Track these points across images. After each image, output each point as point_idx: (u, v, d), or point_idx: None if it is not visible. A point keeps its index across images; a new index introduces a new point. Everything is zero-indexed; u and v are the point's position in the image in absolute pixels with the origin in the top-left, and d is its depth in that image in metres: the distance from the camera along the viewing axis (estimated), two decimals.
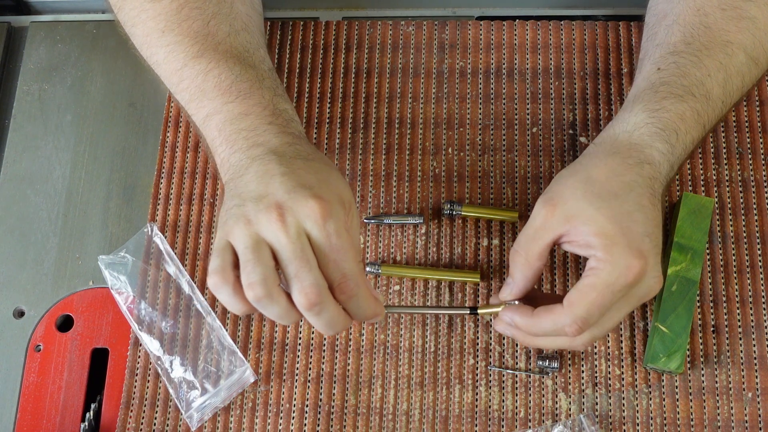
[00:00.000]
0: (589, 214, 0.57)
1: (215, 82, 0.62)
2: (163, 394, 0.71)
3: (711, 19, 0.64)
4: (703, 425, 0.67)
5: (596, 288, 0.56)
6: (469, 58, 0.80)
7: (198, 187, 0.77)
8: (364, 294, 0.55)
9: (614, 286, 0.56)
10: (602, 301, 0.56)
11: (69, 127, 0.82)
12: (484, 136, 0.77)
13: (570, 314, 0.57)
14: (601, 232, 0.56)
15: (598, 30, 0.80)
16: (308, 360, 0.71)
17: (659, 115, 0.61)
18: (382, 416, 0.69)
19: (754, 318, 0.70)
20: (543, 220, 0.59)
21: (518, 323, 0.61)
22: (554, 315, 0.58)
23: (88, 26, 0.86)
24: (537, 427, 0.68)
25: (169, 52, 0.64)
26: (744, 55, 0.64)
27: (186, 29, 0.64)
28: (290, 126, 0.61)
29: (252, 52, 0.65)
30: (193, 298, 0.73)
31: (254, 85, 0.62)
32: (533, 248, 0.59)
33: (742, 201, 0.73)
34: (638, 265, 0.55)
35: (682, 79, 0.62)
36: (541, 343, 0.63)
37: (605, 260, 0.56)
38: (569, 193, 0.58)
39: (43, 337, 0.74)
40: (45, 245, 0.77)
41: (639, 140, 0.61)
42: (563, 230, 0.58)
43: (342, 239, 0.54)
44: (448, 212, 0.73)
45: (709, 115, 0.63)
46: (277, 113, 0.61)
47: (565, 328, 0.57)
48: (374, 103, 0.79)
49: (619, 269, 0.55)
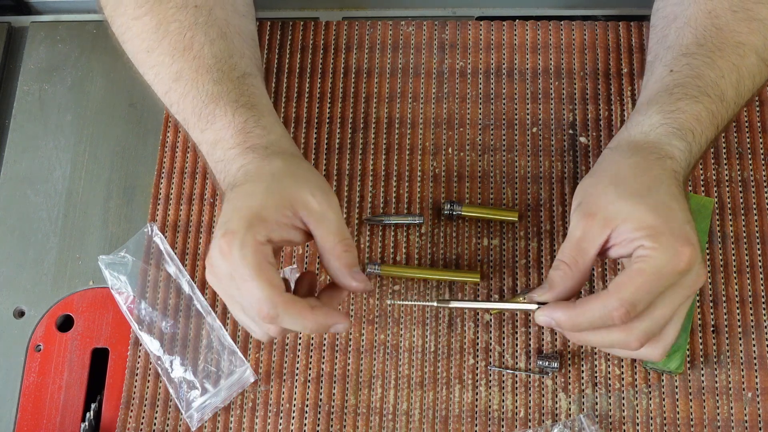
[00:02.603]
0: (627, 211, 0.55)
1: (192, 109, 0.64)
2: (163, 394, 0.71)
3: (722, 20, 0.64)
4: (703, 425, 0.67)
5: (644, 273, 0.53)
6: (469, 58, 0.80)
7: (198, 187, 0.77)
8: (291, 314, 0.54)
9: (664, 271, 0.53)
10: (650, 287, 0.53)
11: (69, 127, 0.82)
12: (484, 136, 0.77)
13: (617, 297, 0.53)
14: (643, 225, 0.54)
15: (598, 30, 0.80)
16: (308, 360, 0.71)
17: (675, 116, 0.61)
18: (382, 416, 0.69)
19: (754, 318, 0.70)
20: (583, 231, 0.56)
21: (560, 320, 0.56)
22: (600, 300, 0.54)
23: (88, 26, 0.86)
24: (537, 427, 0.68)
25: (155, 74, 0.67)
26: (755, 56, 0.64)
27: (166, 47, 0.65)
28: (250, 136, 0.62)
29: (225, 60, 0.66)
30: (193, 298, 0.73)
31: (219, 104, 0.63)
32: (579, 260, 0.56)
33: (742, 201, 0.73)
34: (688, 251, 0.53)
35: (696, 80, 0.62)
36: (591, 339, 0.57)
37: (653, 248, 0.53)
38: (603, 199, 0.57)
39: (44, 337, 0.74)
40: (45, 245, 0.77)
41: (656, 139, 0.60)
42: (605, 236, 0.56)
43: (242, 269, 0.54)
44: (448, 212, 0.73)
45: (723, 116, 0.63)
46: (239, 130, 0.62)
47: (613, 312, 0.53)
48: (374, 103, 0.79)
49: (669, 255, 0.53)
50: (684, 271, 0.54)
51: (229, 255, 0.54)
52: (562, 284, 0.57)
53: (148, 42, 0.66)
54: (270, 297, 0.54)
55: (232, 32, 0.68)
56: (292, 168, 0.59)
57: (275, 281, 0.54)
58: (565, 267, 0.56)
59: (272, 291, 0.54)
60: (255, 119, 0.62)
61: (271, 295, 0.54)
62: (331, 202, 0.58)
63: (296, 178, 0.58)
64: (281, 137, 0.63)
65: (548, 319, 0.57)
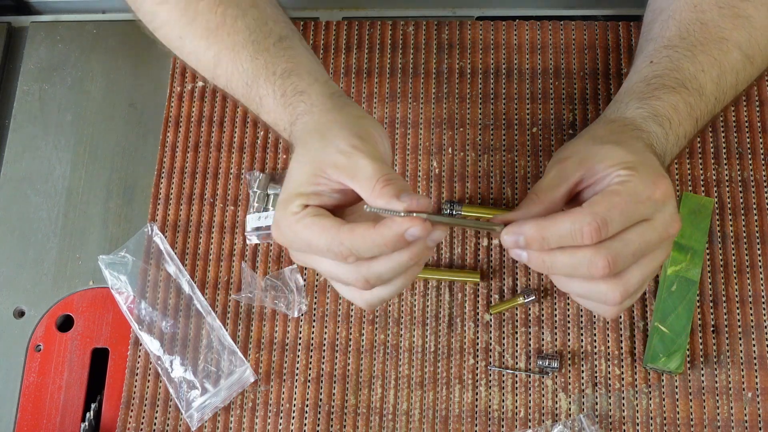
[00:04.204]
0: (605, 152, 0.54)
1: (241, 93, 0.63)
2: (163, 393, 0.71)
3: (707, 15, 0.64)
4: (703, 425, 0.67)
5: (620, 193, 0.51)
6: (469, 58, 0.80)
7: (198, 187, 0.77)
8: (356, 238, 0.51)
9: (640, 196, 0.51)
10: (624, 207, 0.51)
11: (69, 127, 0.82)
12: (484, 136, 0.77)
13: (589, 211, 0.50)
14: (621, 161, 0.53)
15: (597, 30, 0.80)
16: (308, 360, 0.71)
17: (652, 103, 0.60)
18: (382, 416, 0.69)
19: (754, 318, 0.70)
20: (557, 170, 0.55)
21: (528, 234, 0.52)
22: (572, 215, 0.51)
23: (88, 26, 0.86)
24: (537, 427, 0.68)
25: (196, 62, 0.65)
26: (739, 52, 0.63)
27: (198, 29, 0.64)
28: (292, 110, 0.60)
29: (260, 29, 0.64)
30: (193, 297, 0.73)
31: (260, 82, 0.62)
32: (548, 192, 0.55)
33: (742, 201, 0.73)
34: (664, 182, 0.52)
35: (675, 72, 0.62)
36: (557, 260, 0.53)
37: (630, 174, 0.52)
38: (578, 146, 0.56)
39: (44, 337, 0.74)
40: (45, 245, 0.77)
41: (633, 118, 0.60)
42: (579, 174, 0.55)
43: (304, 233, 0.52)
44: (448, 212, 0.73)
45: (702, 111, 0.62)
46: (283, 107, 0.61)
47: (584, 227, 0.50)
48: (374, 103, 0.79)
49: (646, 183, 0.52)
50: (659, 201, 0.52)
51: (282, 237, 0.54)
52: (534, 207, 0.55)
53: (179, 27, 0.64)
54: (330, 238, 0.51)
55: (264, 2, 0.66)
56: (323, 129, 0.57)
57: (327, 225, 0.52)
58: (535, 197, 0.55)
59: (329, 232, 0.51)
60: (293, 88, 0.60)
61: (329, 237, 0.51)
62: (363, 146, 0.53)
63: (325, 140, 0.55)
64: (318, 96, 0.60)
65: (515, 237, 0.53)
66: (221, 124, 0.80)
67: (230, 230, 0.76)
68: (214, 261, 0.75)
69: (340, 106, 0.59)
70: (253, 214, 0.75)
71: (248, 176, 0.76)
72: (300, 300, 0.72)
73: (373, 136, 0.55)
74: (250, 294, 0.73)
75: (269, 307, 0.73)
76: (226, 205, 0.77)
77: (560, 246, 0.52)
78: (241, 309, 0.73)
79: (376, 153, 0.53)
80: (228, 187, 0.77)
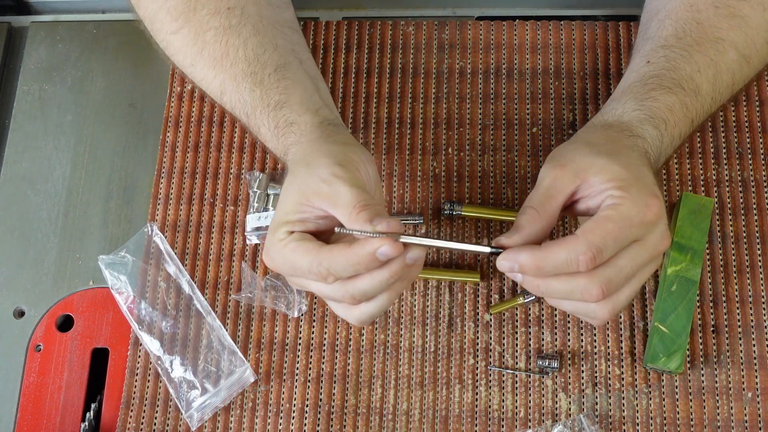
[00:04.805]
0: (600, 165, 0.55)
1: (244, 120, 0.67)
2: (163, 393, 0.71)
3: (703, 15, 0.64)
4: (703, 425, 0.67)
5: (613, 220, 0.52)
6: (469, 58, 0.80)
7: (198, 187, 0.77)
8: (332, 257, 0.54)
9: (632, 220, 0.53)
10: (618, 234, 0.52)
11: (69, 127, 0.82)
12: (484, 136, 0.77)
13: (584, 241, 0.52)
14: (615, 177, 0.54)
15: (598, 30, 0.80)
16: (308, 360, 0.71)
17: (648, 104, 0.61)
18: (382, 416, 0.69)
19: (754, 318, 0.70)
20: (552, 179, 0.56)
21: (524, 263, 0.54)
22: (567, 244, 0.52)
23: (88, 26, 0.86)
24: (537, 427, 0.68)
25: (206, 88, 0.69)
26: (735, 52, 0.64)
27: (206, 58, 0.67)
28: (285, 141, 0.63)
29: (258, 59, 0.66)
30: (193, 297, 0.73)
31: (257, 114, 0.65)
32: (546, 206, 0.56)
33: (742, 201, 0.73)
34: (656, 203, 0.53)
35: (671, 72, 0.62)
36: (553, 286, 0.55)
37: (623, 196, 0.53)
38: (575, 154, 0.57)
39: (44, 337, 0.74)
40: (45, 245, 0.77)
41: (629, 121, 0.60)
42: (574, 186, 0.56)
43: (289, 256, 0.56)
44: (448, 212, 0.73)
45: (698, 111, 0.63)
46: (278, 139, 0.64)
47: (579, 256, 0.52)
48: (374, 103, 0.79)
49: (638, 206, 0.53)
50: (651, 222, 0.53)
51: (271, 262, 0.57)
52: (530, 227, 0.55)
53: (190, 56, 0.68)
54: (311, 259, 0.54)
55: (265, 25, 0.68)
56: (308, 158, 0.59)
57: (309, 247, 0.55)
58: (533, 211, 0.56)
59: (311, 254, 0.55)
60: (284, 119, 0.63)
61: (310, 258, 0.54)
62: (344, 174, 0.56)
63: (309, 168, 0.58)
64: (307, 126, 0.63)
65: (511, 263, 0.54)
66: (221, 124, 0.80)
67: (230, 230, 0.76)
68: (214, 261, 0.75)
69: (327, 135, 0.62)
70: (253, 214, 0.75)
71: (248, 176, 0.76)
72: (300, 300, 0.72)
73: (355, 162, 0.58)
74: (250, 294, 0.73)
75: (269, 307, 0.73)
76: (226, 205, 0.77)
77: (555, 274, 0.54)
78: (241, 309, 0.73)
79: (356, 180, 0.56)
80: (228, 187, 0.77)
